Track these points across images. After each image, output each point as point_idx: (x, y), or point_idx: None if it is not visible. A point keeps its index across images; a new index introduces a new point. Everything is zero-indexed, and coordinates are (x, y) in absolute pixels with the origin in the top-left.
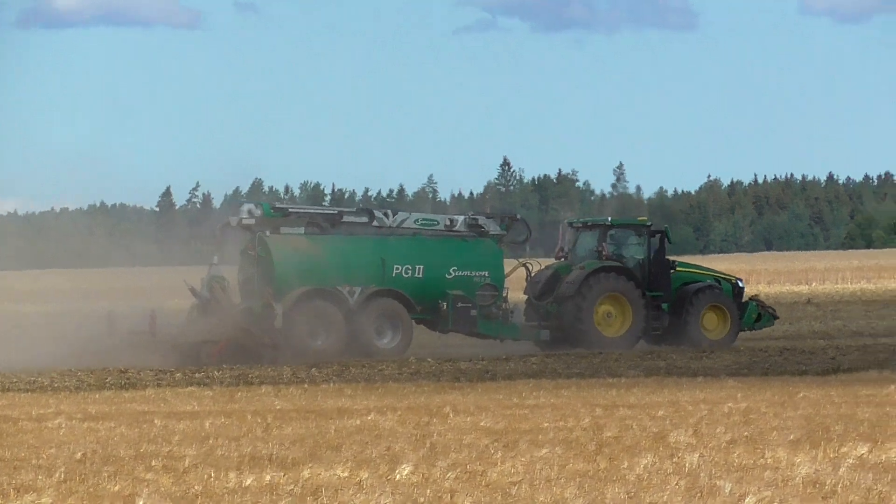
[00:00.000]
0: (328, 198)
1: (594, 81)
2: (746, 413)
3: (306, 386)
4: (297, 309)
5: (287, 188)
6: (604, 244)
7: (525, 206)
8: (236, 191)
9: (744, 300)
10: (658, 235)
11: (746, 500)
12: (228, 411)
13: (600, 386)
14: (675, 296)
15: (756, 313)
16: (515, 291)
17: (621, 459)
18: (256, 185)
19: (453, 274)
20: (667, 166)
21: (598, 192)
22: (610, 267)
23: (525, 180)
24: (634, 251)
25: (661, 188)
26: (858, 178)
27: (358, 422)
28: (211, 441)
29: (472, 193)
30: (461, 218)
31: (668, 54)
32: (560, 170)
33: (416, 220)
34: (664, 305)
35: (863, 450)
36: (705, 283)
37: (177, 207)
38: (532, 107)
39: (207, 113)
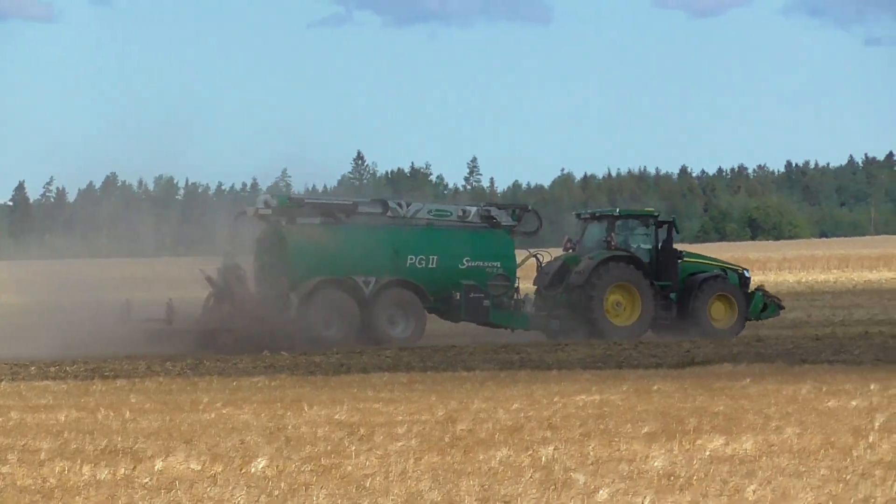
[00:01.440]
0: (181, 191)
1: (448, 75)
2: (601, 406)
3: (161, 379)
4: (312, 298)
5: (141, 181)
6: (612, 234)
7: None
8: (90, 185)
9: (750, 290)
10: (665, 225)
11: (601, 493)
12: (83, 405)
13: (455, 379)
14: (683, 285)
15: (762, 303)
16: (524, 282)
17: (476, 452)
18: (110, 179)
19: (466, 264)
20: (520, 160)
21: (451, 185)
22: (619, 257)
23: (378, 174)
24: (642, 241)
25: (514, 182)
26: (712, 171)
27: (212, 415)
28: (66, 434)
29: (325, 186)
30: (474, 209)
31: (522, 47)
32: (413, 163)
33: (430, 211)
34: (672, 295)
35: (717, 442)
36: (712, 272)
37: (31, 202)
38: (385, 100)
39: (62, 107)
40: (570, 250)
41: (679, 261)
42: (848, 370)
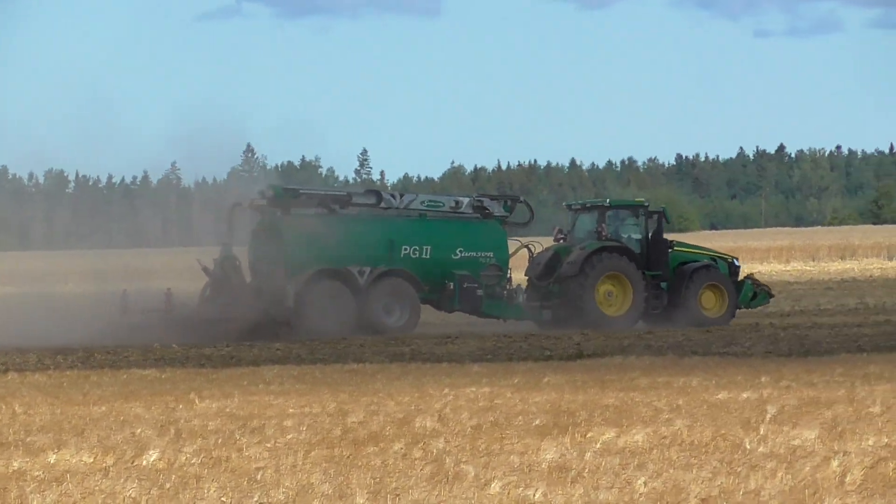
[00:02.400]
0: (72, 184)
1: (338, 67)
2: (491, 398)
3: (52, 372)
4: (308, 288)
5: (31, 175)
6: (603, 225)
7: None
8: None
9: (739, 279)
10: (656, 215)
11: (492, 486)
12: None
13: (345, 372)
14: (673, 275)
15: (752, 292)
16: (516, 272)
17: (367, 445)
18: (0, 172)
19: (459, 255)
20: (411, 152)
21: (342, 178)
22: (610, 247)
23: (269, 167)
24: (632, 231)
25: (405, 174)
26: (602, 164)
27: (103, 408)
28: None
29: (215, 179)
30: (466, 199)
31: (411, 40)
32: (304, 156)
33: (423, 202)
34: (663, 284)
35: (608, 435)
36: (703, 262)
37: None
38: (276, 93)
39: None
40: (561, 241)
41: (669, 250)
42: (738, 362)
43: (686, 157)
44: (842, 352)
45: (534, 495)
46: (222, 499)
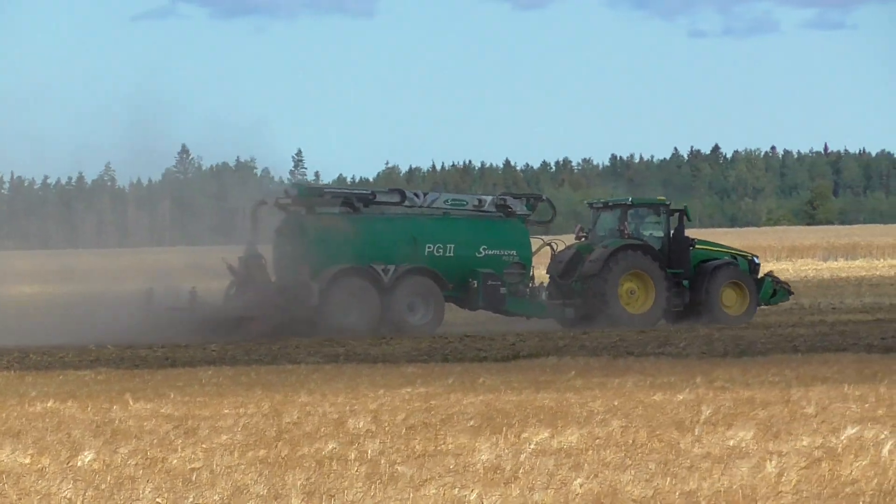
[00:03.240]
0: (7, 185)
1: (273, 68)
2: (426, 399)
3: None
4: (333, 286)
5: None
6: (625, 223)
7: (204, 194)
8: None
9: (759, 276)
10: (677, 214)
11: (427, 487)
12: None
13: (280, 372)
14: (695, 273)
15: (772, 289)
16: (537, 270)
17: (301, 446)
18: None
19: (483, 252)
20: (346, 153)
21: (277, 179)
22: (632, 245)
23: (204, 168)
24: (654, 229)
25: (339, 175)
26: (536, 164)
27: (38, 408)
28: None
29: (150, 180)
30: (489, 198)
31: (347, 41)
32: (238, 157)
33: (446, 201)
34: (685, 282)
35: (543, 435)
36: (723, 259)
37: None
38: (211, 94)
39: None
40: (583, 239)
41: (691, 248)
42: (673, 363)
43: (620, 157)
44: (776, 352)
45: (469, 496)
46: (157, 499)
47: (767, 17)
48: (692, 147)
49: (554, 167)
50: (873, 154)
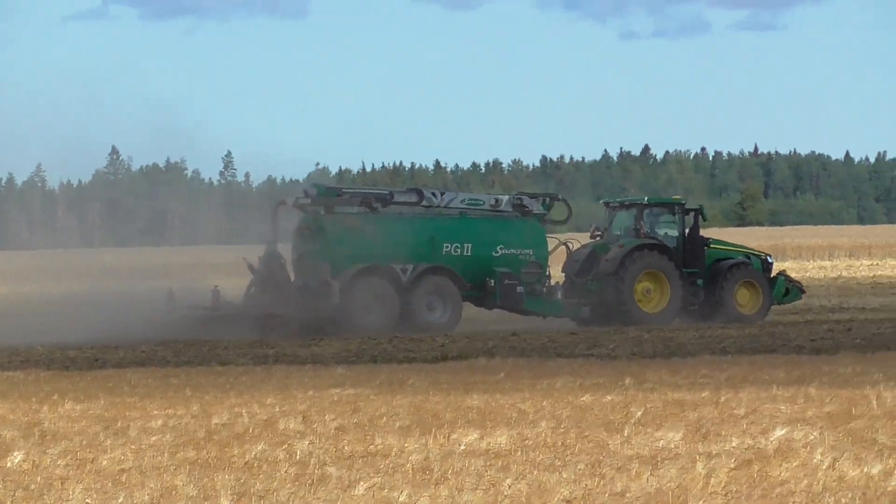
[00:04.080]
0: None
1: (204, 68)
2: (355, 400)
3: None
4: (353, 285)
5: None
6: (641, 222)
7: (135, 194)
8: None
9: (772, 275)
10: (692, 213)
11: (357, 488)
12: None
13: (209, 374)
14: (709, 272)
15: (784, 288)
16: (552, 269)
17: (231, 447)
18: None
19: (500, 252)
20: (275, 154)
21: (207, 180)
22: (648, 244)
23: (134, 168)
24: (669, 228)
25: (269, 176)
26: (466, 165)
27: None
28: None
29: (80, 181)
30: (506, 198)
31: (279, 42)
32: (168, 158)
33: (463, 200)
34: (699, 281)
35: (472, 436)
36: (737, 259)
37: None
38: (141, 94)
39: None
40: (598, 238)
41: (706, 247)
42: (603, 364)
43: (551, 158)
44: (706, 354)
45: (398, 497)
46: (87, 500)
47: (699, 18)
48: (622, 148)
49: (484, 168)
50: (803, 155)
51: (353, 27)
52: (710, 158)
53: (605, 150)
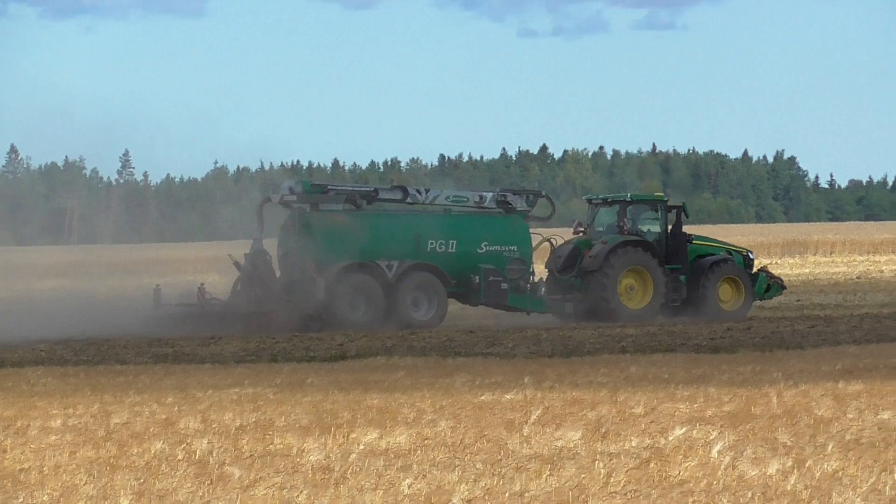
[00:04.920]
0: None
1: (102, 67)
2: (255, 399)
3: None
4: (338, 282)
5: None
6: (625, 219)
7: (33, 194)
8: None
9: (753, 272)
10: (675, 210)
11: (257, 488)
12: None
13: (109, 373)
14: (691, 268)
15: (766, 284)
16: (535, 265)
17: (131, 446)
18: None
19: (484, 249)
20: (173, 153)
21: (105, 179)
22: (631, 241)
23: (33, 167)
24: (651, 225)
25: (167, 175)
26: (364, 164)
27: None
28: None
29: None
30: (490, 195)
31: (176, 40)
32: (67, 157)
33: (448, 197)
34: (682, 278)
35: (372, 436)
36: (719, 255)
37: None
38: (41, 93)
39: None
40: (581, 234)
41: (688, 244)
42: (502, 363)
43: (449, 157)
44: (605, 353)
45: (298, 497)
46: None
47: (598, 17)
48: (520, 147)
49: (382, 167)
50: (701, 154)
51: (251, 26)
52: (609, 157)
53: (504, 149)
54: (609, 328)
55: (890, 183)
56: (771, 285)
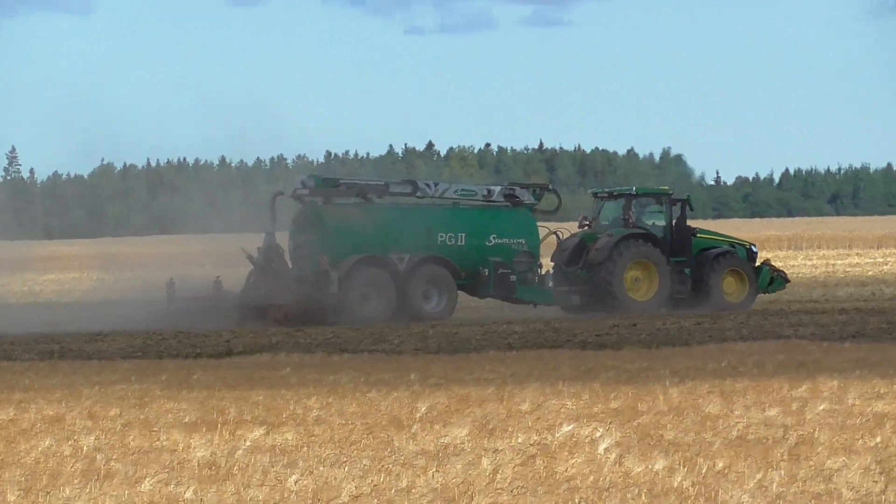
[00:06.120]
0: None
1: None
2: (141, 396)
3: None
4: (351, 275)
5: None
6: (630, 212)
7: None
8: None
9: (757, 264)
10: (679, 203)
11: (143, 484)
12: None
13: None
14: (696, 261)
15: (769, 277)
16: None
17: (17, 443)
18: None
19: (493, 241)
20: (60, 151)
21: None
22: (637, 234)
23: None
24: (656, 218)
25: (55, 172)
26: (251, 161)
27: None
28: None
29: None
30: (498, 188)
31: (64, 37)
32: None
33: (456, 191)
34: (687, 270)
35: (258, 432)
36: (723, 248)
37: None
38: None
39: None
40: (586, 227)
41: (693, 237)
42: (388, 360)
43: (336, 154)
44: (491, 349)
45: (184, 493)
46: None
47: (485, 13)
48: (406, 144)
49: (269, 164)
50: (588, 151)
51: (139, 23)
52: (495, 154)
53: (391, 146)
54: (495, 324)
55: (777, 180)
56: (774, 278)
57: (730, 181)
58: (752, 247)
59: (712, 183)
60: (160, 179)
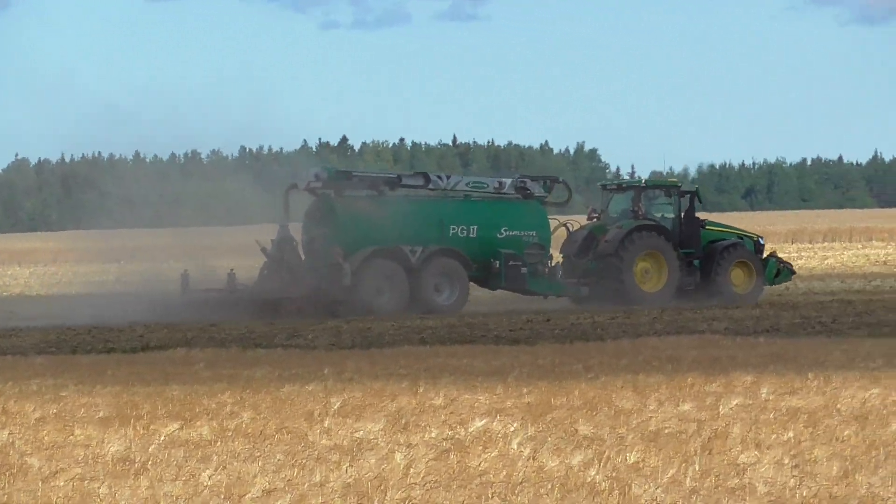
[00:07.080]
0: None
1: None
2: (55, 390)
3: None
4: (364, 267)
5: None
6: (639, 204)
7: None
8: None
9: (764, 256)
10: (688, 195)
11: (57, 479)
12: None
13: None
14: (704, 253)
15: (776, 269)
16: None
17: None
18: None
19: (504, 234)
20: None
21: None
22: (647, 225)
23: None
24: (665, 210)
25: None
26: (165, 156)
27: None
28: None
29: None
30: (509, 181)
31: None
32: None
33: (468, 183)
34: (696, 262)
35: (172, 427)
36: (731, 240)
37: None
38: None
39: None
40: (595, 219)
41: (702, 229)
42: (302, 355)
43: (250, 149)
44: (405, 344)
45: (99, 488)
46: None
47: (399, 8)
48: (320, 139)
49: (183, 159)
50: (502, 146)
51: (55, 18)
52: (409, 148)
53: (305, 141)
54: (409, 319)
55: (692, 174)
56: (780, 270)
57: (645, 176)
58: (760, 239)
59: (627, 178)
60: (74, 174)
